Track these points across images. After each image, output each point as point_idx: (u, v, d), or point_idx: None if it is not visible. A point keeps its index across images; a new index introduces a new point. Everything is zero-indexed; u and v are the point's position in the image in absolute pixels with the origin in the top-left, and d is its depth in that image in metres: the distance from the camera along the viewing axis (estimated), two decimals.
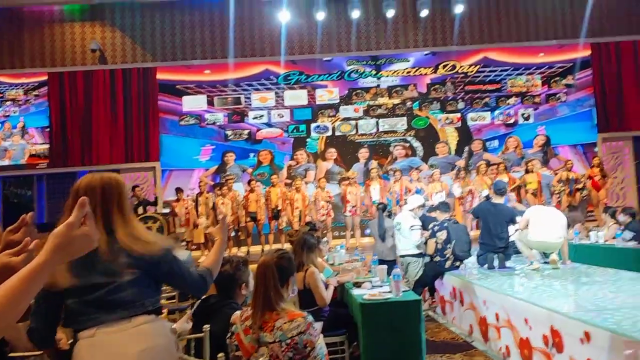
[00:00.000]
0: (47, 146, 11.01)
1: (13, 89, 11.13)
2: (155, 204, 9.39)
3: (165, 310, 4.17)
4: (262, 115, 11.58)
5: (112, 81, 11.16)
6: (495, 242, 5.80)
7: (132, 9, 11.28)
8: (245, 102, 11.57)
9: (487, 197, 6.52)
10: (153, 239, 1.86)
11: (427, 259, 6.08)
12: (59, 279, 1.73)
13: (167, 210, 9.73)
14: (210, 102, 11.51)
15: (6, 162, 10.98)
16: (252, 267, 3.31)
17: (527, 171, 10.08)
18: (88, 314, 1.77)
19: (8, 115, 11.10)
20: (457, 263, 5.85)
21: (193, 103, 11.47)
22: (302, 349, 2.23)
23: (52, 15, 11.20)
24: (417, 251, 6.13)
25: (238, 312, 2.47)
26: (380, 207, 6.80)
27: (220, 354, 2.34)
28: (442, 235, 5.85)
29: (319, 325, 2.55)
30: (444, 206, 6.51)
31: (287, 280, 2.47)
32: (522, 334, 3.93)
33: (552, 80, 11.82)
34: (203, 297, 3.03)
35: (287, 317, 2.27)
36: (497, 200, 6.03)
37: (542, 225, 5.58)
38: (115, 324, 1.76)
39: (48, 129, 11.05)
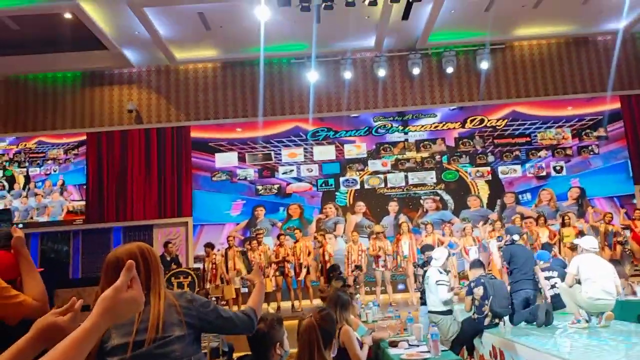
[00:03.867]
0: (83, 203, 11.35)
1: (54, 148, 11.64)
2: (181, 265, 9.44)
3: None
4: (292, 170, 11.74)
5: (147, 139, 11.58)
6: (528, 281, 6.02)
7: (167, 71, 11.85)
8: (275, 157, 11.78)
9: (512, 242, 6.70)
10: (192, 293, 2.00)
11: (465, 315, 5.86)
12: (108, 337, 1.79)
13: (198, 266, 9.76)
14: (241, 159, 11.76)
15: (45, 219, 11.32)
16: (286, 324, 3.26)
17: (563, 224, 9.79)
18: None
19: (49, 174, 11.55)
20: (496, 320, 5.62)
21: (225, 159, 11.75)
22: None
23: (93, 79, 11.83)
24: (444, 308, 5.82)
25: None
26: (416, 264, 7.44)
27: None
28: (479, 291, 5.63)
29: None
30: (477, 262, 6.34)
31: (331, 342, 2.44)
32: None
33: (583, 133, 11.72)
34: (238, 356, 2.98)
35: None
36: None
37: (593, 281, 5.12)
38: None
39: (85, 186, 11.43)
